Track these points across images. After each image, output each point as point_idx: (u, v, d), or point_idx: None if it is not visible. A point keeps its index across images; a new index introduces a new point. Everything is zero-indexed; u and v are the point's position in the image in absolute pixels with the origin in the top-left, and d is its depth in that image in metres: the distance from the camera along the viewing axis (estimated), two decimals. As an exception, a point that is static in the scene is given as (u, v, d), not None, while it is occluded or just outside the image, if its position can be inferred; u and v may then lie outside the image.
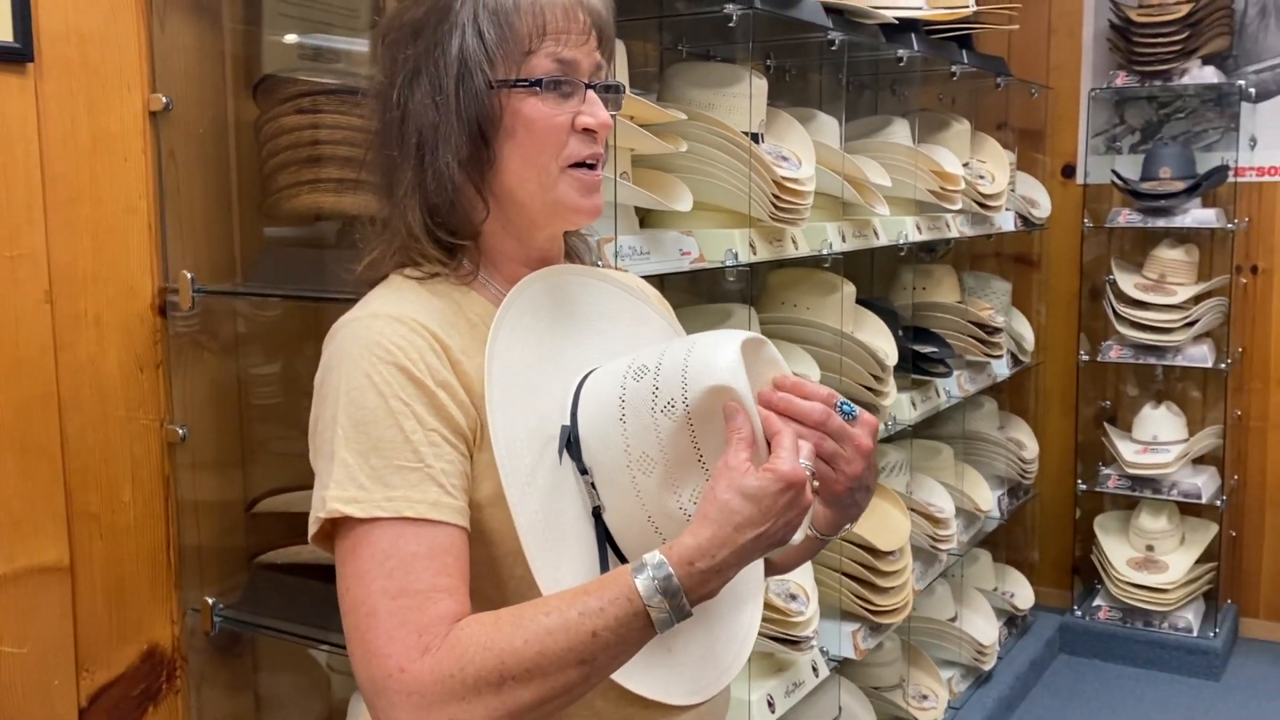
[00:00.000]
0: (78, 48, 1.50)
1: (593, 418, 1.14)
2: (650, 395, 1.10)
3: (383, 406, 1.07)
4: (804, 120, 2.55)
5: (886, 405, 2.65)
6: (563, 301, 1.23)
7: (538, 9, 1.13)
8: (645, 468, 1.10)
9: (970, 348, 3.28)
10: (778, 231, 2.27)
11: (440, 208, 1.16)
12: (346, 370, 1.09)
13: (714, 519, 1.04)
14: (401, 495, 1.06)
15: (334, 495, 1.06)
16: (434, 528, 1.06)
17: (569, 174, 1.17)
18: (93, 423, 1.55)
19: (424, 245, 1.18)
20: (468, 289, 1.20)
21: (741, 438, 1.06)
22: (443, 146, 1.14)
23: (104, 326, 1.55)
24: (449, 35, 1.13)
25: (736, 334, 1.13)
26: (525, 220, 1.20)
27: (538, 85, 1.13)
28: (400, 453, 1.07)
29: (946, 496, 3.15)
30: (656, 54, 2.54)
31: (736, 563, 1.05)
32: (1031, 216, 3.76)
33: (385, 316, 1.12)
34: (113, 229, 1.56)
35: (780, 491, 1.04)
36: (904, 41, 2.82)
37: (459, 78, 1.13)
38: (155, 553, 1.64)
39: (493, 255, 1.22)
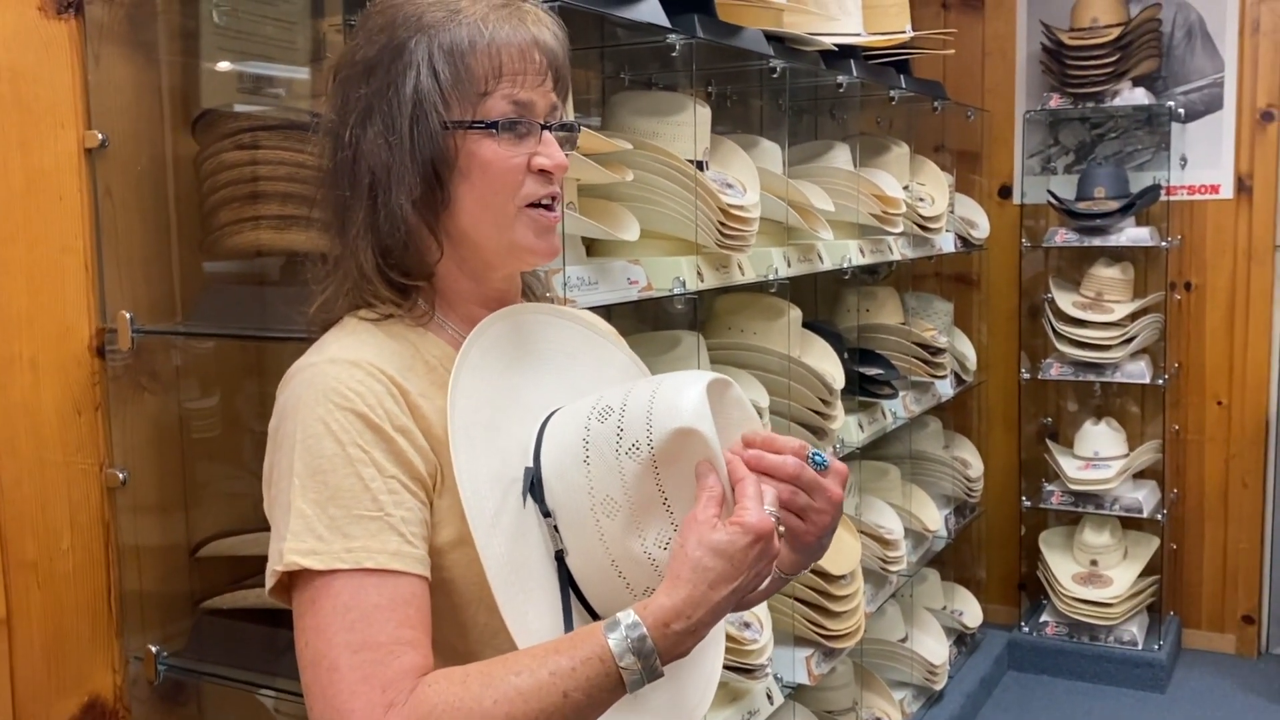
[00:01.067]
0: (10, 85, 1.46)
1: (556, 459, 1.12)
2: (615, 437, 1.09)
3: (340, 454, 1.05)
4: (747, 147, 2.57)
5: (835, 429, 2.66)
6: (523, 341, 1.21)
7: (494, 50, 1.12)
8: (609, 511, 1.09)
9: (914, 368, 3.30)
10: (724, 258, 2.27)
11: (393, 248, 1.14)
12: (302, 417, 1.07)
13: (687, 579, 1.02)
14: (361, 545, 1.03)
15: (291, 547, 1.03)
16: (395, 578, 1.04)
17: (525, 214, 1.15)
18: (29, 468, 1.50)
19: (377, 286, 1.16)
20: (424, 330, 1.18)
21: (712, 497, 1.05)
22: (395, 187, 1.12)
23: (40, 369, 1.51)
24: (403, 75, 1.11)
25: (702, 375, 1.13)
26: (481, 261, 1.18)
27: (493, 127, 1.12)
28: (359, 501, 1.04)
29: (895, 518, 3.17)
30: (599, 82, 2.54)
31: (711, 620, 1.04)
32: (970, 237, 3.81)
33: (342, 361, 1.09)
34: (48, 269, 1.52)
35: (750, 544, 1.03)
36: (843, 68, 2.85)
37: (413, 118, 1.11)
38: (96, 600, 1.59)
39: (448, 295, 1.20)
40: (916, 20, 4.27)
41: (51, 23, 1.51)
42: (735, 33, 2.31)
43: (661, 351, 2.29)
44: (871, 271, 3.64)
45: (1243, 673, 3.89)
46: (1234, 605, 4.05)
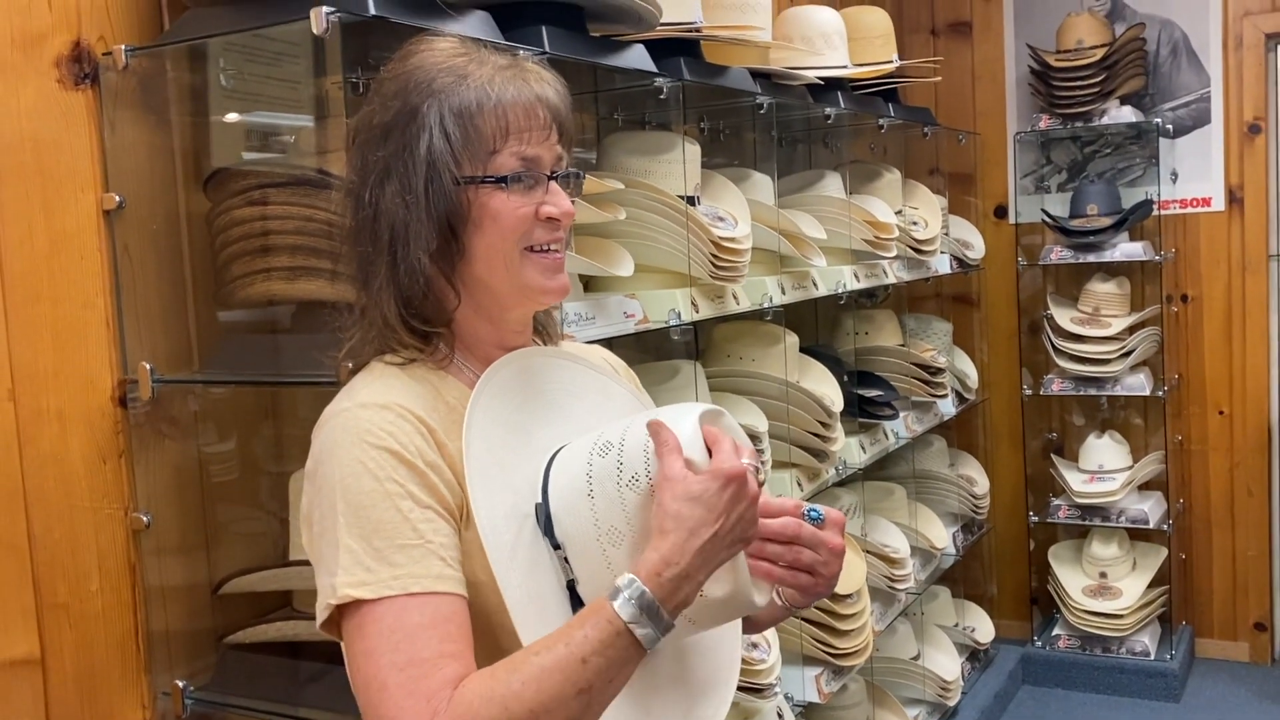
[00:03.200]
0: (33, 153, 1.55)
1: (562, 494, 1.20)
2: (615, 470, 1.17)
3: (379, 490, 1.13)
4: (739, 180, 2.65)
5: (835, 451, 2.73)
6: (531, 382, 1.29)
7: (500, 111, 1.20)
8: (614, 540, 1.16)
9: (915, 389, 3.37)
10: (718, 289, 2.35)
11: (413, 299, 1.23)
12: (339, 459, 1.15)
13: (668, 529, 1.10)
14: (406, 572, 1.11)
15: (344, 581, 1.11)
16: (437, 599, 1.11)
17: (530, 257, 1.24)
18: (58, 515, 1.58)
19: (400, 334, 1.24)
20: (444, 373, 1.26)
21: (671, 448, 1.12)
22: (414, 242, 1.20)
23: (66, 421, 1.59)
24: (417, 137, 1.20)
25: (695, 407, 1.20)
26: (496, 304, 1.26)
27: (503, 181, 1.21)
28: (400, 532, 1.12)
29: (901, 536, 3.22)
30: (593, 123, 2.63)
31: (703, 564, 1.11)
32: (966, 258, 3.88)
33: (372, 405, 1.18)
34: (72, 325, 1.60)
35: (722, 488, 1.11)
36: (830, 99, 2.94)
37: (427, 177, 1.19)
38: (124, 639, 1.67)
39: (467, 339, 1.28)
40: (907, 47, 4.38)
41: (70, 93, 1.60)
42: (721, 72, 2.40)
43: (662, 381, 2.36)
44: (869, 295, 3.71)
45: (1257, 680, 3.91)
46: (1245, 613, 4.08)
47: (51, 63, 1.58)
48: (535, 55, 1.76)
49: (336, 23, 1.46)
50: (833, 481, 2.89)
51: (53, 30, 1.58)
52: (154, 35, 1.70)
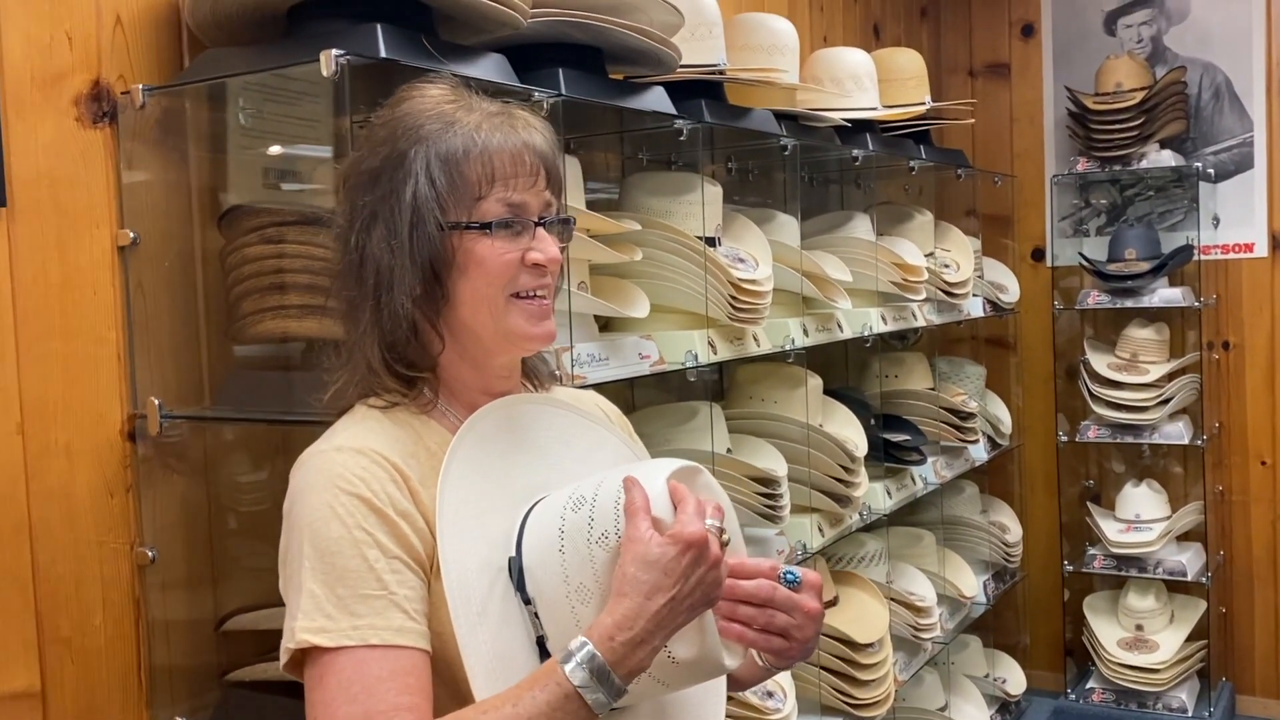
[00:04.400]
0: (49, 191, 1.57)
1: (535, 547, 1.18)
2: (586, 526, 1.15)
3: (346, 537, 1.13)
4: (763, 220, 2.64)
5: (858, 496, 2.69)
6: (517, 430, 1.28)
7: (486, 157, 1.20)
8: (583, 598, 1.14)
9: (944, 434, 3.32)
10: (738, 330, 2.33)
11: (397, 343, 1.23)
12: (310, 503, 1.15)
13: (625, 593, 1.09)
14: (367, 623, 1.10)
15: (302, 626, 1.11)
16: (397, 652, 1.11)
17: (515, 304, 1.23)
18: (63, 549, 1.59)
19: (383, 378, 1.24)
20: (427, 418, 1.26)
21: (636, 509, 1.11)
22: (398, 287, 1.21)
23: (74, 455, 1.61)
24: (404, 183, 1.20)
25: (669, 464, 1.18)
26: (481, 350, 1.26)
27: (488, 228, 1.20)
28: (365, 581, 1.12)
29: (928, 584, 3.17)
30: (619, 163, 2.63)
31: (657, 629, 1.09)
32: (1000, 301, 3.83)
33: (348, 449, 1.18)
34: (83, 360, 1.62)
35: (681, 553, 1.09)
36: (859, 141, 2.92)
37: (412, 223, 1.20)
38: (126, 674, 1.67)
39: (451, 384, 1.28)
40: (945, 88, 4.37)
41: (87, 131, 1.62)
42: (743, 114, 2.39)
43: (680, 422, 2.35)
44: (900, 338, 3.67)
45: (1299, 739, 3.80)
46: (1288, 669, 3.97)
47: (71, 101, 1.60)
48: (550, 97, 1.77)
49: (346, 65, 1.47)
50: (856, 527, 2.85)
51: (73, 70, 1.60)
52: (175, 75, 1.72)
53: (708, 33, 2.33)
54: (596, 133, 2.40)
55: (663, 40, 1.96)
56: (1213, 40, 3.97)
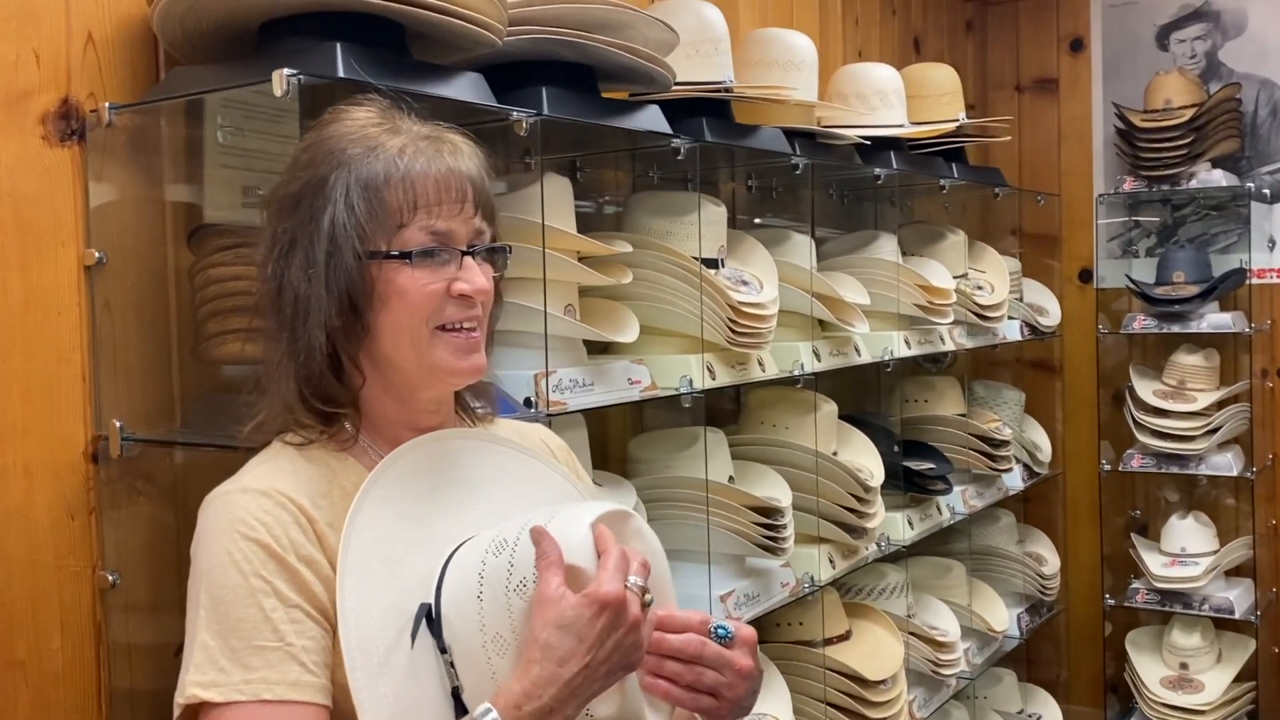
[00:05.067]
0: (11, 210, 1.56)
1: (454, 593, 1.13)
2: (506, 573, 1.09)
3: (243, 585, 1.08)
4: (776, 241, 2.57)
5: (872, 526, 2.60)
6: (446, 468, 1.22)
7: (408, 183, 1.16)
8: (500, 649, 1.09)
9: (974, 461, 3.21)
10: (741, 355, 2.26)
11: (313, 377, 1.18)
12: (210, 547, 1.11)
13: (536, 659, 1.03)
14: (260, 677, 1.06)
15: (193, 679, 1.07)
16: (291, 708, 1.06)
17: (440, 336, 1.18)
18: (20, 571, 1.57)
19: (298, 413, 1.20)
20: (346, 455, 1.21)
21: (550, 563, 1.05)
22: (312, 318, 1.16)
23: (33, 476, 1.59)
24: (323, 209, 1.16)
25: (596, 508, 1.13)
26: (405, 384, 1.21)
27: (406, 257, 1.15)
28: (260, 632, 1.07)
29: (952, 618, 3.06)
30: (629, 181, 2.58)
31: (570, 698, 1.03)
32: (1038, 324, 3.71)
33: (252, 491, 1.13)
34: (44, 380, 1.60)
35: (595, 615, 1.03)
36: (882, 160, 2.83)
37: (329, 251, 1.15)
38: (85, 699, 1.64)
39: (374, 420, 1.23)
40: (991, 104, 4.25)
41: (54, 150, 1.61)
42: (749, 132, 2.33)
43: (679, 449, 2.28)
44: (934, 361, 3.57)
45: (1354, 789, 3.61)
46: (1344, 715, 3.78)
47: (37, 119, 1.59)
48: (529, 117, 1.72)
49: (297, 84, 1.43)
50: (874, 558, 2.76)
51: (40, 88, 1.59)
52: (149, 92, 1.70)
53: (713, 49, 2.27)
54: (595, 152, 2.35)
55: (652, 58, 1.91)
56: (1271, 55, 3.81)
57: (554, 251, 1.82)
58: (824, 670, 2.49)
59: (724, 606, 2.18)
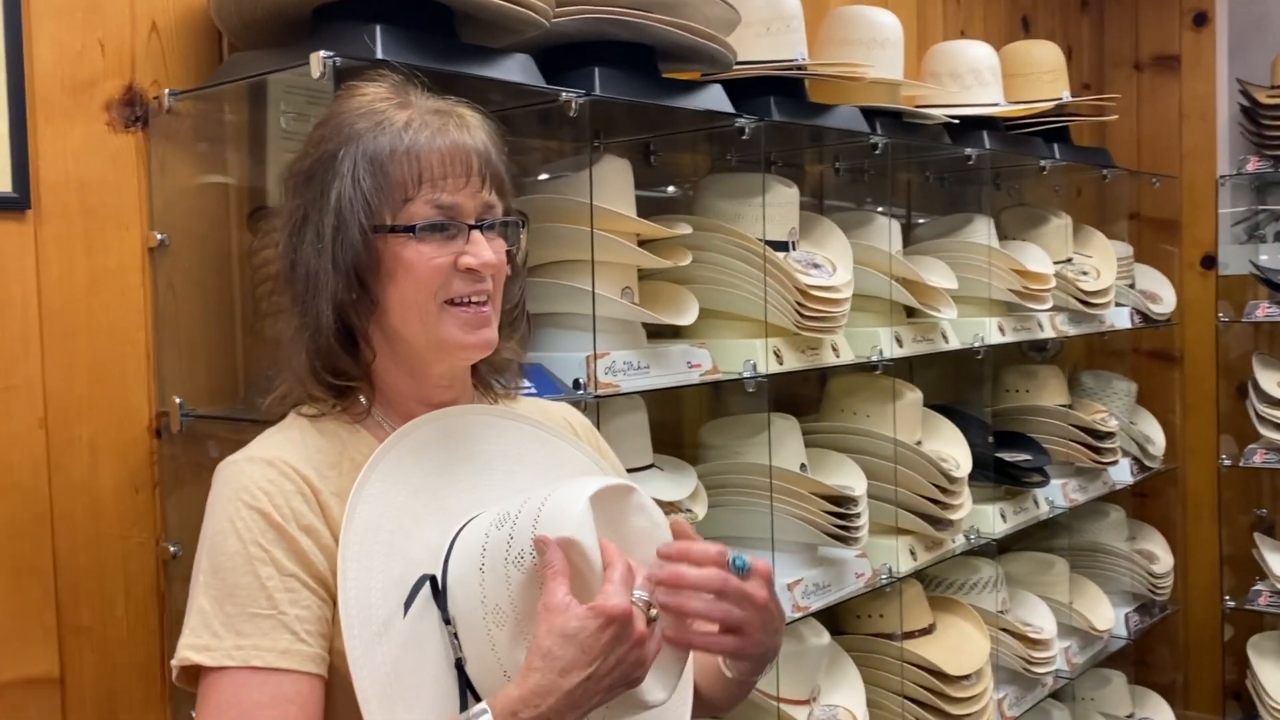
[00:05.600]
0: (77, 194, 1.62)
1: (458, 566, 1.13)
2: (505, 545, 1.09)
3: (242, 552, 1.10)
4: (859, 224, 2.51)
5: (957, 519, 2.52)
6: (460, 444, 1.22)
7: (413, 157, 1.16)
8: (499, 620, 1.09)
9: (1076, 454, 3.08)
10: (813, 340, 2.21)
11: (323, 351, 1.20)
12: (215, 514, 1.14)
13: (537, 667, 1.02)
14: (251, 644, 1.08)
15: (187, 642, 1.09)
16: (280, 676, 1.08)
17: (449, 311, 1.18)
18: (85, 541, 1.64)
19: (310, 386, 1.21)
20: (358, 427, 1.22)
21: (555, 571, 1.03)
22: (322, 292, 1.18)
23: (98, 450, 1.65)
24: (331, 184, 1.17)
25: (596, 482, 1.11)
26: (416, 358, 1.22)
27: (411, 231, 1.16)
28: (255, 599, 1.09)
29: (1049, 615, 2.95)
30: (707, 165, 2.55)
31: (568, 708, 1.02)
32: (1150, 312, 3.54)
33: (259, 460, 1.15)
34: (109, 359, 1.66)
35: (601, 629, 1.01)
36: (975, 140, 2.74)
37: (336, 226, 1.16)
38: (148, 666, 1.70)
39: (387, 394, 1.24)
40: (1109, 82, 4.08)
41: (118, 136, 1.67)
42: (823, 112, 2.27)
43: (748, 435, 2.25)
44: (1039, 349, 3.44)
45: None
46: None
47: (102, 106, 1.65)
48: (579, 98, 1.71)
49: (333, 66, 1.45)
50: (961, 550, 2.67)
51: (104, 76, 1.65)
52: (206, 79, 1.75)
53: (785, 27, 2.22)
54: (666, 133, 2.32)
55: (709, 36, 1.87)
56: None
57: (608, 233, 1.81)
58: (901, 663, 2.43)
59: (790, 595, 2.14)
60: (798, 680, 2.21)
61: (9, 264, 1.56)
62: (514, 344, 1.36)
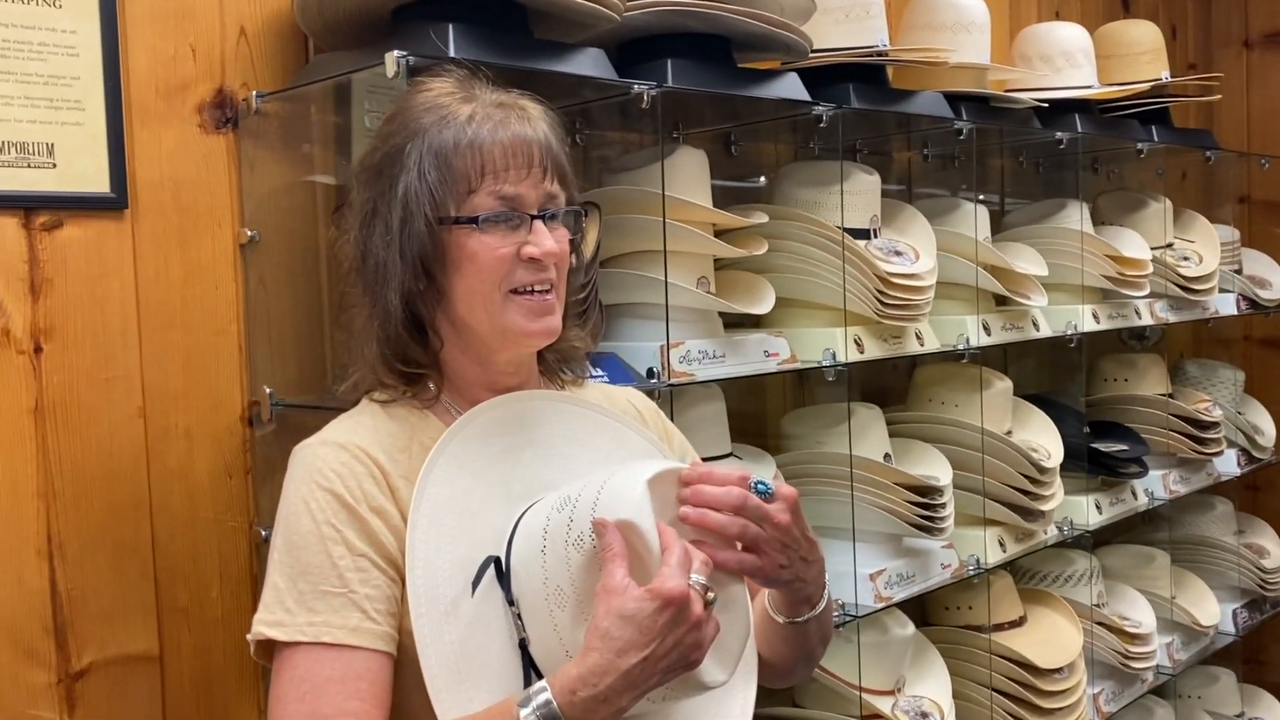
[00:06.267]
0: (172, 193, 1.70)
1: (522, 548, 1.16)
2: (566, 528, 1.12)
3: (314, 532, 1.15)
4: (945, 210, 2.48)
5: (1046, 510, 2.47)
6: (525, 428, 1.25)
7: (475, 149, 1.19)
8: (560, 602, 1.11)
9: (1177, 445, 2.99)
10: (896, 328, 2.20)
11: (392, 339, 1.24)
12: (290, 495, 1.18)
13: (596, 647, 1.04)
14: (323, 620, 1.12)
15: (262, 618, 1.14)
16: (351, 653, 1.12)
17: (513, 299, 1.22)
18: (182, 525, 1.71)
19: (381, 374, 1.26)
20: (428, 413, 1.26)
21: (614, 554, 1.05)
22: (390, 283, 1.22)
23: (194, 438, 1.73)
24: (398, 177, 1.21)
25: (654, 465, 1.13)
26: (482, 346, 1.25)
27: (475, 222, 1.19)
28: (326, 578, 1.13)
29: (1148, 609, 2.87)
30: (790, 154, 2.54)
31: (626, 688, 1.04)
32: (1259, 298, 3.41)
33: (331, 444, 1.20)
34: (203, 350, 1.73)
35: (659, 610, 1.03)
36: (1067, 123, 2.68)
37: (403, 218, 1.20)
38: (242, 646, 1.77)
39: (455, 381, 1.28)
40: (1215, 62, 3.95)
41: (210, 137, 1.74)
42: (903, 98, 2.25)
43: (833, 424, 2.24)
44: (1139, 337, 3.35)
45: None
46: None
47: (194, 109, 1.72)
48: (650, 89, 1.73)
49: (406, 65, 1.49)
50: (1053, 542, 2.62)
51: (196, 80, 1.72)
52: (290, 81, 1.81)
53: (864, 13, 2.20)
54: (746, 123, 2.33)
55: (784, 24, 1.87)
56: None
57: (682, 223, 1.83)
58: (990, 656, 2.39)
59: (873, 585, 2.13)
60: (881, 670, 2.20)
61: (109, 261, 1.64)
62: (583, 333, 1.39)
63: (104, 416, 1.64)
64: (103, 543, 1.64)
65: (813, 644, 1.32)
